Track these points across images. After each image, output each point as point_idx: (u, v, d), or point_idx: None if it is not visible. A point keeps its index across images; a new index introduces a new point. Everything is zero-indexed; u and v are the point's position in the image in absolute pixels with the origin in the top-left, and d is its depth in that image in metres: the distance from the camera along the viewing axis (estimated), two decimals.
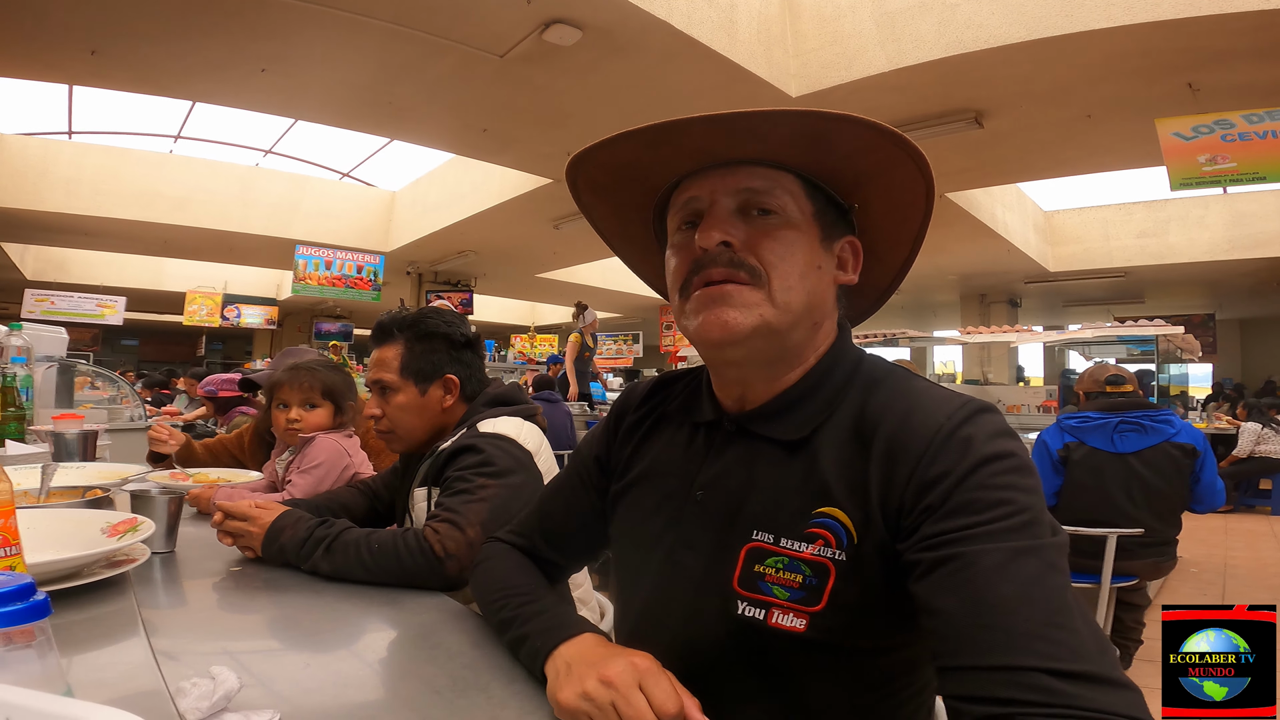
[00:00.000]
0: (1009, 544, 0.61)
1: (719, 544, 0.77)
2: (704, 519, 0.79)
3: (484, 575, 0.95)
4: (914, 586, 0.64)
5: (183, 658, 0.76)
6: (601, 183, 0.86)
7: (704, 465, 0.82)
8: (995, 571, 0.60)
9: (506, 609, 0.84)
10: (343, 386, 1.91)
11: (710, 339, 0.76)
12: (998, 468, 0.65)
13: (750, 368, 0.79)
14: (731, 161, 0.78)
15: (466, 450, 1.35)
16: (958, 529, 0.63)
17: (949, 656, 0.60)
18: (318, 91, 6.22)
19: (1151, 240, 10.94)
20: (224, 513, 1.25)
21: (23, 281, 12.78)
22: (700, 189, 0.79)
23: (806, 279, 0.77)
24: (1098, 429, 2.91)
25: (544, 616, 0.80)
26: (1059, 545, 0.63)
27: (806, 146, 0.75)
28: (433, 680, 0.77)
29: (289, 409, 1.87)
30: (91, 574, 0.88)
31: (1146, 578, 2.93)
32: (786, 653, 0.73)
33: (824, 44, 5.57)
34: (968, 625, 0.59)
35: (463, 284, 13.53)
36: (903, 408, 0.71)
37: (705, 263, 0.76)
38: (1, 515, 0.60)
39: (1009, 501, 0.63)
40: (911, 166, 0.76)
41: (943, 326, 16.58)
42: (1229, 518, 6.83)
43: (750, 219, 0.77)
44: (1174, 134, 5.06)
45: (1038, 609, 0.58)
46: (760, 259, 0.75)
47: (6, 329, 2.54)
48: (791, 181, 0.78)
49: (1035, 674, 0.55)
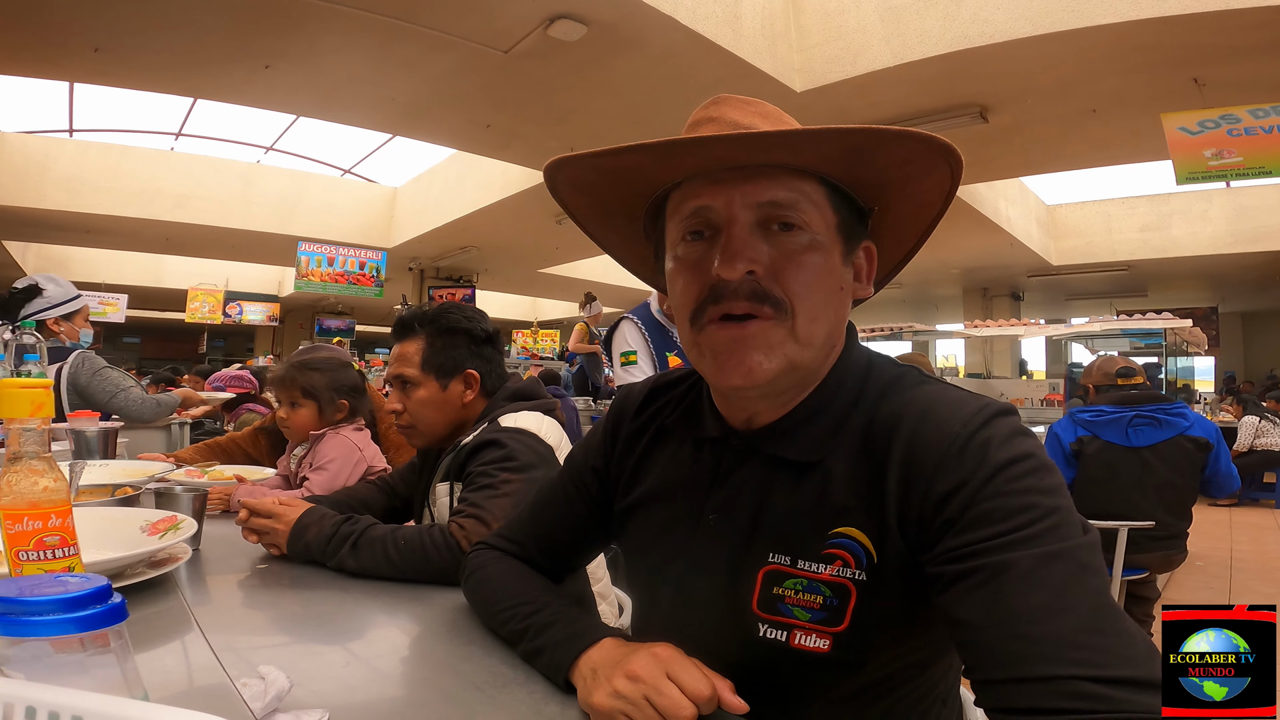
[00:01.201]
0: (1036, 550, 0.59)
1: (735, 567, 0.75)
2: (718, 542, 0.77)
3: (483, 585, 0.93)
4: (940, 599, 0.63)
5: (225, 656, 0.77)
6: (588, 182, 0.79)
7: (713, 486, 0.79)
8: (1025, 579, 0.58)
9: (515, 620, 0.82)
10: (324, 384, 1.92)
11: (730, 385, 0.72)
12: (1016, 471, 0.63)
13: (764, 399, 0.76)
14: (751, 164, 0.71)
15: (489, 445, 1.35)
16: (982, 539, 0.60)
17: (985, 669, 0.58)
18: (321, 88, 6.21)
19: (1154, 234, 10.93)
20: (249, 510, 1.26)
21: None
22: (714, 197, 0.71)
23: (830, 305, 0.73)
24: (1112, 423, 2.90)
25: (558, 627, 0.78)
26: (1090, 544, 0.61)
27: (843, 159, 0.71)
28: (472, 676, 0.77)
29: (281, 407, 1.94)
30: (136, 574, 0.88)
31: (1156, 571, 2.94)
32: (810, 673, 0.72)
33: (828, 39, 5.55)
34: (1000, 637, 0.57)
35: (465, 279, 13.51)
36: (914, 417, 0.68)
37: (725, 294, 0.70)
38: (59, 514, 0.61)
39: (1032, 506, 0.61)
40: (946, 171, 0.71)
41: (945, 320, 16.57)
42: (1234, 511, 6.85)
43: (772, 235, 0.71)
44: (1180, 129, 5.06)
45: (1073, 615, 0.56)
46: (786, 289, 0.70)
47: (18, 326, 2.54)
48: (816, 190, 0.72)
49: (1079, 682, 0.53)
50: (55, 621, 0.41)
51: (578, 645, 0.73)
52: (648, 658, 0.66)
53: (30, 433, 0.61)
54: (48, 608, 0.41)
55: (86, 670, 0.42)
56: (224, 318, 14.40)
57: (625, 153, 0.71)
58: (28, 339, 2.41)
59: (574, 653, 0.72)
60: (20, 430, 0.61)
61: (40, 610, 0.41)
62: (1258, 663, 0.51)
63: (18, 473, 0.61)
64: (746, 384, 0.71)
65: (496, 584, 0.91)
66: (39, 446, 0.62)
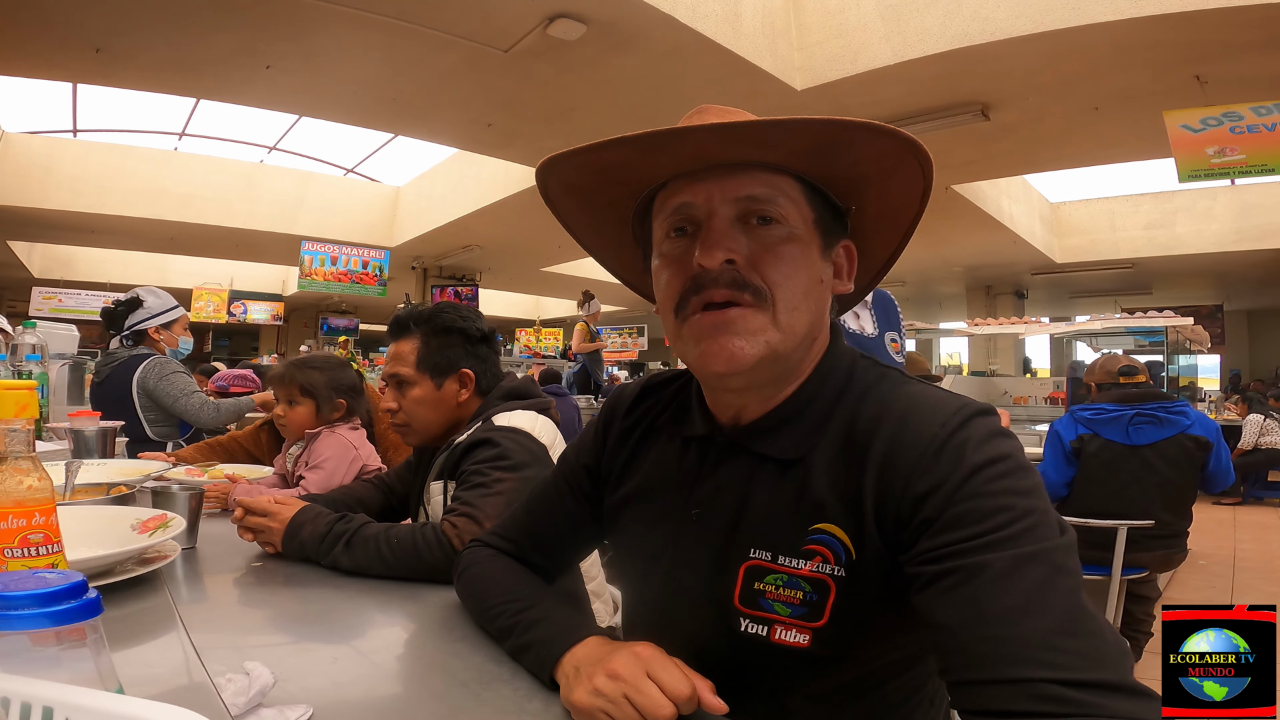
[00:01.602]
0: (1011, 551, 0.59)
1: (717, 562, 0.76)
2: (701, 537, 0.78)
3: (475, 582, 0.94)
4: (916, 599, 0.63)
5: (215, 653, 0.78)
6: (578, 184, 0.81)
7: (698, 482, 0.80)
8: (998, 581, 0.58)
9: (504, 616, 0.83)
10: (322, 383, 1.94)
11: (714, 371, 0.73)
12: (992, 473, 0.63)
13: (749, 390, 0.77)
14: (729, 163, 0.74)
15: (482, 444, 1.36)
16: (958, 540, 0.61)
17: (956, 671, 0.59)
18: (323, 88, 6.23)
19: (1159, 231, 10.89)
20: (244, 509, 1.26)
21: (30, 280, 12.83)
22: (695, 194, 0.74)
23: (810, 296, 0.75)
24: (1112, 421, 2.90)
25: (545, 624, 0.79)
26: (1066, 545, 0.61)
27: (815, 154, 0.72)
28: (459, 673, 0.78)
29: (279, 404, 1.96)
30: (124, 571, 0.89)
31: (1156, 570, 2.94)
32: (790, 668, 0.73)
33: (829, 36, 5.54)
34: (972, 639, 0.57)
35: (468, 278, 13.54)
36: (895, 417, 0.69)
37: (705, 282, 0.72)
38: (43, 512, 0.62)
39: (1008, 508, 0.61)
40: (916, 169, 0.73)
41: (948, 318, 16.54)
42: (1237, 510, 6.83)
43: (751, 229, 0.73)
44: (1182, 126, 5.04)
45: (1045, 617, 0.56)
46: (765, 277, 0.72)
47: (20, 327, 2.56)
48: (792, 186, 0.74)
49: (1047, 685, 0.53)
50: (30, 615, 0.41)
51: (563, 643, 0.74)
52: (629, 657, 0.67)
53: (15, 433, 0.62)
54: (23, 602, 0.42)
55: (61, 664, 0.43)
56: (229, 317, 14.43)
57: (608, 147, 0.72)
58: (29, 339, 2.42)
59: (559, 650, 0.73)
60: (5, 430, 0.61)
61: (15, 605, 0.41)
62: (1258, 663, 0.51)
63: (3, 472, 0.62)
64: (729, 369, 0.72)
65: (488, 581, 0.92)
66: (24, 446, 0.63)
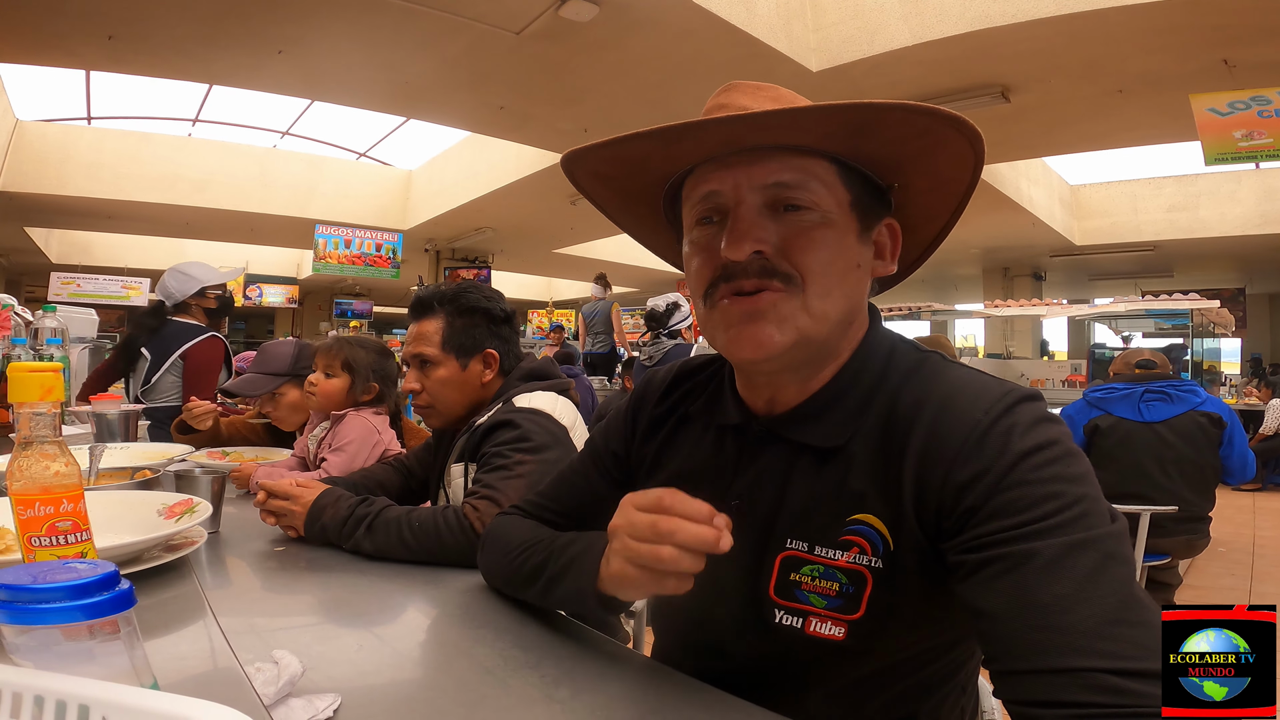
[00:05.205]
0: (1061, 539, 0.57)
1: (754, 553, 0.75)
2: (740, 529, 0.76)
3: (498, 540, 0.94)
4: (960, 587, 0.62)
5: (241, 639, 0.78)
6: (605, 173, 0.80)
7: (738, 472, 0.79)
8: (1048, 569, 0.57)
9: (534, 555, 0.84)
10: (365, 363, 1.93)
11: (743, 358, 0.72)
12: (1040, 459, 0.61)
13: (782, 374, 0.76)
14: (757, 147, 0.71)
15: (503, 426, 1.35)
16: (1005, 528, 0.60)
17: (1004, 660, 0.58)
18: (334, 72, 6.20)
19: (1181, 214, 10.71)
20: (267, 492, 1.26)
21: (48, 265, 12.95)
22: (722, 182, 0.72)
23: (845, 281, 0.72)
24: (1123, 399, 2.90)
25: (579, 540, 0.80)
26: (1118, 533, 0.60)
27: (847, 135, 0.69)
28: (484, 660, 0.77)
29: (316, 372, 1.93)
30: (153, 558, 0.89)
31: (1179, 556, 2.91)
32: (824, 660, 0.72)
33: (845, 17, 5.44)
34: (1021, 627, 0.56)
35: (480, 260, 13.55)
36: (936, 403, 0.68)
37: (735, 272, 0.70)
38: (70, 499, 0.61)
39: (1058, 495, 0.59)
40: (963, 144, 0.69)
41: (965, 300, 16.36)
42: (1257, 496, 6.75)
43: (780, 215, 0.71)
44: (1209, 109, 4.95)
45: (1098, 606, 0.55)
46: (796, 264, 0.70)
47: (41, 310, 2.57)
48: (825, 169, 0.71)
49: (1101, 675, 0.52)
50: (62, 609, 0.41)
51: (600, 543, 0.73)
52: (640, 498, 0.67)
53: (41, 417, 0.61)
54: (55, 595, 0.41)
55: (95, 658, 0.42)
56: (244, 300, 14.54)
57: (631, 140, 0.70)
58: (49, 323, 2.44)
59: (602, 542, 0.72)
60: (31, 415, 0.61)
61: (47, 598, 0.41)
62: (1258, 663, 0.51)
63: (29, 458, 0.61)
64: (758, 356, 0.71)
65: (514, 536, 0.92)
66: (50, 431, 0.62)
